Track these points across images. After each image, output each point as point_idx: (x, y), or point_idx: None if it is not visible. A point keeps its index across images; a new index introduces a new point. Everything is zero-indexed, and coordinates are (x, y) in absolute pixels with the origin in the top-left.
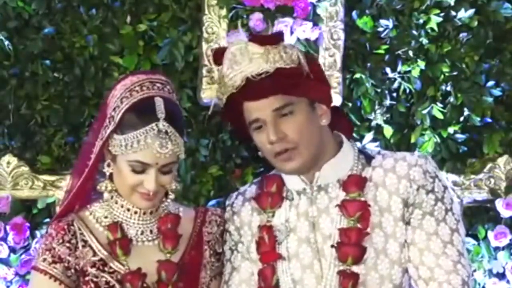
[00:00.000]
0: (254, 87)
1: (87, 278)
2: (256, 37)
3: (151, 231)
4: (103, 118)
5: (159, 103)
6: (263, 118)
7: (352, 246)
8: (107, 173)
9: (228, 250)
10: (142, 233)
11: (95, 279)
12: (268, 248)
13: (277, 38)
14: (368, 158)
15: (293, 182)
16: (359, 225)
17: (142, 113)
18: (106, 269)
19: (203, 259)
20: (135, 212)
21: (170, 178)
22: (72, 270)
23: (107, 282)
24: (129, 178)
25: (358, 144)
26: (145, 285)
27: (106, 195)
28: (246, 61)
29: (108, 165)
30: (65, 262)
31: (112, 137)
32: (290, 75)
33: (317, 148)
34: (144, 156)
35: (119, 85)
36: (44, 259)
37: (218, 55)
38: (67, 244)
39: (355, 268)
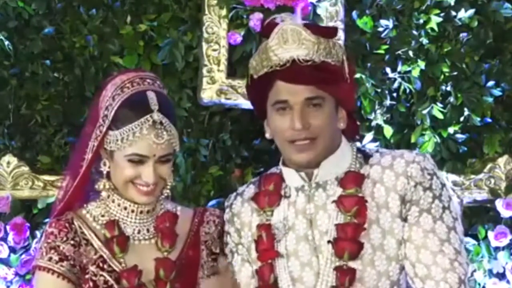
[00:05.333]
0: (297, 71)
1: (86, 276)
2: (311, 25)
3: (148, 230)
4: (94, 119)
5: (152, 96)
6: (292, 103)
7: (348, 241)
8: (104, 172)
9: (229, 253)
10: (139, 231)
11: (94, 278)
12: (266, 246)
13: (332, 32)
14: (366, 156)
15: (292, 179)
16: (355, 220)
17: (135, 106)
18: (105, 267)
19: (200, 259)
20: (132, 211)
21: (168, 168)
22: (78, 267)
23: (105, 281)
24: (127, 172)
25: (358, 144)
26: (141, 282)
27: (103, 194)
28: (296, 43)
29: (104, 164)
30: (71, 260)
31: (107, 134)
32: (333, 71)
33: (330, 146)
34: (141, 148)
35: (109, 85)
36: (50, 258)
37: (269, 28)
38: (71, 242)
39: (352, 264)
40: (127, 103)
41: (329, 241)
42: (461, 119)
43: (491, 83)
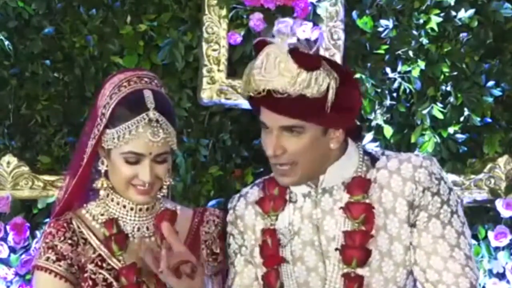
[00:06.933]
0: (272, 101)
1: (85, 275)
2: (296, 52)
3: (147, 228)
4: (94, 118)
5: (148, 94)
6: (270, 127)
7: (356, 249)
8: (102, 171)
9: (232, 253)
10: (138, 229)
11: (93, 276)
12: (272, 252)
13: (315, 63)
14: (372, 159)
15: (297, 186)
16: (363, 228)
17: (132, 105)
18: (104, 265)
19: (200, 259)
20: (131, 209)
21: (165, 168)
22: (76, 267)
23: (104, 279)
24: (124, 171)
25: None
26: (140, 280)
27: (102, 193)
28: (275, 73)
29: (102, 163)
30: (68, 259)
31: (104, 133)
32: (310, 105)
33: (318, 165)
34: (136, 146)
35: (107, 84)
36: (48, 258)
37: (259, 47)
38: (69, 241)
39: (359, 271)
40: (124, 101)
41: (337, 249)
42: (461, 119)
43: (491, 83)
